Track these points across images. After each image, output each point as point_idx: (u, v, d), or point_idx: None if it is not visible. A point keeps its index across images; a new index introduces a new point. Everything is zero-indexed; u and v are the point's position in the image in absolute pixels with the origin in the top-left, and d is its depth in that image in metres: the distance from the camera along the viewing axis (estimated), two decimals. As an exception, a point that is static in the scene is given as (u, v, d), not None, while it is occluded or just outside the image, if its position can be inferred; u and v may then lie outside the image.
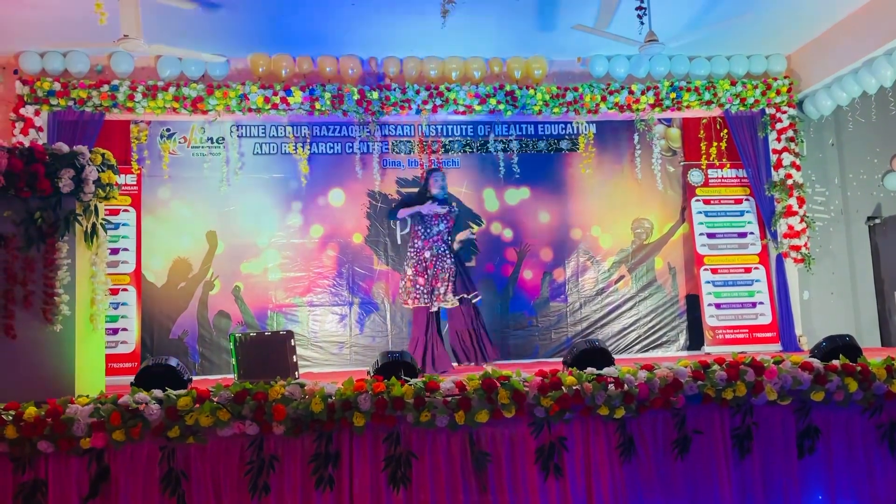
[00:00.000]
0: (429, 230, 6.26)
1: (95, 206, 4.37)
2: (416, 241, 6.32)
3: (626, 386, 3.63)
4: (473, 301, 6.32)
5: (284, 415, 3.42)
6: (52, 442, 3.35)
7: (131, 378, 4.11)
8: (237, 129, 7.41)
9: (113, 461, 3.41)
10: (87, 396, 3.62)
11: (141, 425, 3.38)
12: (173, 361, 4.19)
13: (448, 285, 6.18)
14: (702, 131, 7.84)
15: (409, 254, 6.38)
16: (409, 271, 6.26)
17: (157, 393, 3.51)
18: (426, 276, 6.18)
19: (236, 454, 3.47)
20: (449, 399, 3.53)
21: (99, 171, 4.27)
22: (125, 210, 6.96)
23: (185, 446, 3.45)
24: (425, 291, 6.16)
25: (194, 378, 4.55)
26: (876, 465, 3.83)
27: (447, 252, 6.28)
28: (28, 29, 6.44)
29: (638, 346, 7.61)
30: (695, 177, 7.80)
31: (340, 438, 3.52)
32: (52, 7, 6.03)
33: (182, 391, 3.54)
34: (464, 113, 7.32)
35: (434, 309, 6.19)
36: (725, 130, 7.79)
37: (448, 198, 6.58)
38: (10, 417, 3.36)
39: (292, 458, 3.49)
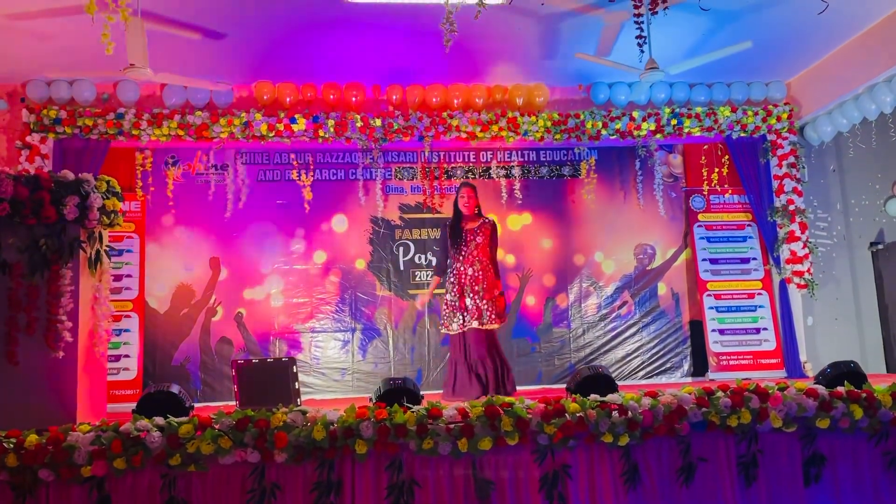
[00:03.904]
0: (466, 247, 5.78)
1: (100, 233, 4.39)
2: (454, 263, 5.79)
3: (630, 413, 3.60)
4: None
5: (286, 442, 3.40)
6: (52, 470, 3.33)
7: (133, 405, 4.10)
8: (241, 156, 7.46)
9: (114, 490, 3.39)
10: (89, 424, 3.60)
11: (142, 453, 3.36)
12: (175, 388, 4.18)
13: (493, 305, 5.65)
14: (703, 157, 7.87)
15: (448, 279, 5.82)
16: (449, 296, 5.76)
17: (159, 420, 3.50)
18: (472, 296, 5.65)
19: (238, 482, 3.45)
20: (452, 426, 3.51)
21: (104, 199, 4.29)
22: (129, 237, 7.00)
23: (186, 474, 3.42)
24: (472, 310, 5.63)
25: (196, 405, 4.54)
26: (883, 493, 3.79)
27: (490, 267, 5.79)
28: (35, 58, 6.52)
29: (642, 373, 7.57)
30: (697, 202, 7.82)
31: (342, 466, 3.49)
32: (59, 37, 6.11)
33: (183, 418, 3.53)
34: (466, 139, 7.37)
35: (482, 327, 5.62)
36: (727, 156, 7.83)
37: (479, 212, 5.95)
38: (12, 445, 3.34)
39: (294, 486, 3.47)
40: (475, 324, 5.64)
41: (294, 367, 5.21)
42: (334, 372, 7.29)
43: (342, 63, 6.93)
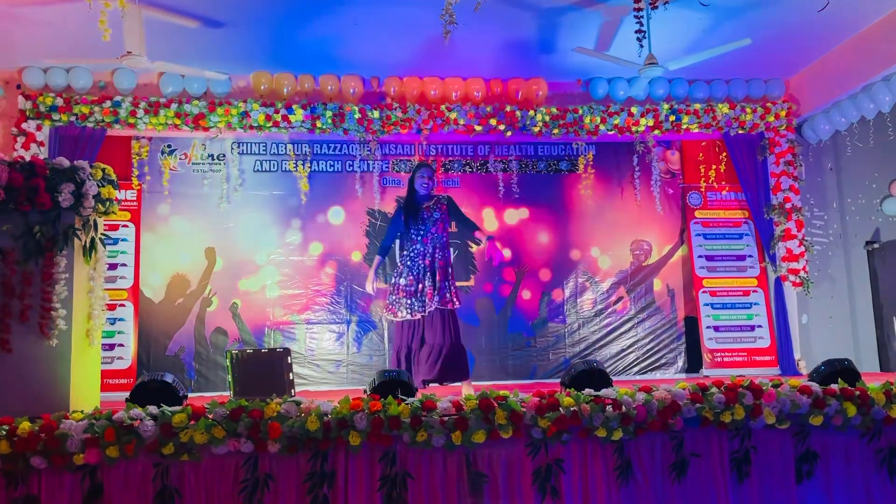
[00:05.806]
0: (426, 227, 5.47)
1: (95, 221, 4.36)
2: (414, 245, 5.47)
3: (623, 408, 3.61)
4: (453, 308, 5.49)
5: (280, 433, 3.40)
6: (45, 457, 3.32)
7: (127, 394, 4.09)
8: (238, 147, 7.43)
9: (106, 478, 3.38)
10: (82, 412, 3.60)
11: (135, 442, 3.36)
12: (169, 378, 4.16)
13: (450, 282, 5.40)
14: (701, 154, 7.88)
15: (403, 262, 5.53)
16: (402, 280, 5.44)
17: (152, 409, 3.49)
18: (431, 277, 5.36)
19: (231, 472, 3.45)
20: (446, 419, 3.51)
21: (99, 186, 4.27)
22: (124, 225, 6.96)
23: (179, 463, 3.42)
24: (426, 293, 5.34)
25: (190, 395, 4.52)
26: (875, 491, 3.81)
27: (447, 245, 5.54)
28: (31, 44, 6.48)
29: (636, 368, 7.59)
30: (694, 199, 7.82)
31: (336, 458, 3.50)
32: (56, 23, 6.07)
33: (177, 408, 3.52)
34: (464, 133, 7.36)
35: (431, 309, 5.35)
36: (724, 153, 7.83)
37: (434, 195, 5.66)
38: (4, 432, 3.34)
39: (287, 476, 3.47)
40: (437, 303, 5.34)
41: (288, 357, 5.21)
42: (329, 364, 7.28)
43: (340, 54, 6.91)
